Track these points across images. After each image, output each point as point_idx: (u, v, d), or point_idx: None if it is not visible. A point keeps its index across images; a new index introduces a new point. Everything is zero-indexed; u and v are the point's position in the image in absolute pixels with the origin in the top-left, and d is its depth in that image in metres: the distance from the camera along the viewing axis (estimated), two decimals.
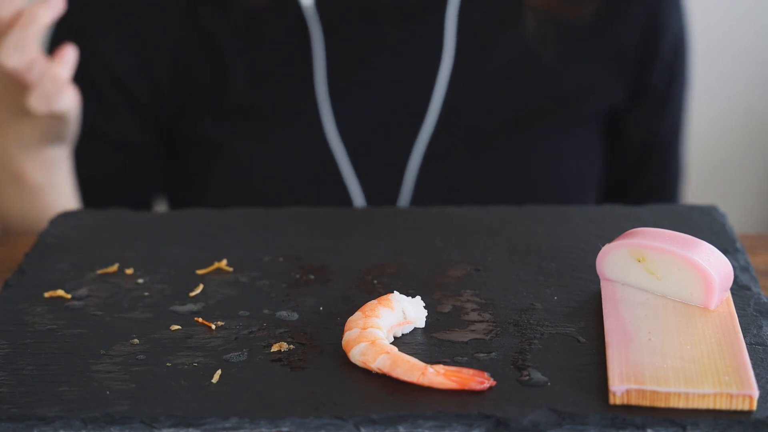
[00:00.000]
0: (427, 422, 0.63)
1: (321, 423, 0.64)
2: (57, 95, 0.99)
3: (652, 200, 1.20)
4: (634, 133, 1.26)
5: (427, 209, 0.93)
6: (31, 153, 1.06)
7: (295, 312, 0.76)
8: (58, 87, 0.99)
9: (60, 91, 1.00)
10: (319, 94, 1.18)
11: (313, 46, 1.17)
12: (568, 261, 0.82)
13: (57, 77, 0.99)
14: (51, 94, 0.99)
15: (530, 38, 1.19)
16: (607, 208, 0.91)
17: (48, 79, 0.98)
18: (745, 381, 0.64)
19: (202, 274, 0.81)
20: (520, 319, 0.74)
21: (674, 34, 1.24)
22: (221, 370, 0.69)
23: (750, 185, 2.03)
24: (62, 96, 1.00)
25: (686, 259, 0.72)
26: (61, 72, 0.99)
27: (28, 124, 1.03)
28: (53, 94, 0.99)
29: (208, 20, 1.18)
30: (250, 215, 0.92)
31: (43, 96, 0.99)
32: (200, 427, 0.64)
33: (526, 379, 0.67)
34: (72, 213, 0.94)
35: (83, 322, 0.75)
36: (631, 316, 0.71)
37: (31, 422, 0.64)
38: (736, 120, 1.99)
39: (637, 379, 0.64)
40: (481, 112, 1.20)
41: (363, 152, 1.19)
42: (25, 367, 0.69)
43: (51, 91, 0.99)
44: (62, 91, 1.00)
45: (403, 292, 0.74)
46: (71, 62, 1.00)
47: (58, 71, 0.99)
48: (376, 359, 0.67)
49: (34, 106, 0.99)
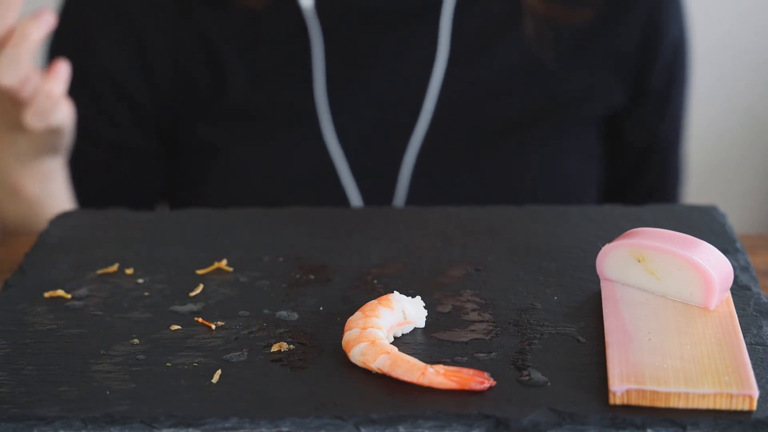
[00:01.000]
0: (427, 422, 0.63)
1: (321, 423, 0.64)
2: (52, 110, 1.00)
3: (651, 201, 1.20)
4: (634, 135, 1.26)
5: (427, 209, 0.93)
6: (27, 166, 1.07)
7: (295, 312, 0.76)
8: (53, 102, 0.99)
9: (55, 106, 1.00)
10: (318, 96, 1.18)
11: (312, 48, 1.17)
12: (568, 261, 0.82)
13: (51, 93, 0.99)
14: (46, 109, 0.99)
15: (529, 40, 1.19)
16: (607, 208, 0.91)
17: (43, 95, 0.98)
18: (745, 381, 0.64)
19: (202, 274, 0.81)
20: (520, 319, 0.74)
21: (674, 36, 1.24)
22: (221, 370, 0.69)
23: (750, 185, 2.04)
24: (57, 110, 1.00)
25: (686, 259, 0.72)
26: (56, 87, 0.99)
27: (23, 138, 1.04)
28: (48, 109, 0.99)
29: (208, 22, 1.18)
30: (250, 215, 0.92)
31: (38, 112, 0.99)
32: (200, 427, 0.64)
33: (526, 379, 0.67)
34: (72, 213, 0.94)
35: (83, 322, 0.75)
36: (631, 316, 0.71)
37: (31, 422, 0.64)
38: (736, 120, 1.99)
39: (637, 379, 0.64)
40: (479, 114, 1.20)
41: (361, 154, 1.19)
42: (25, 367, 0.69)
43: (46, 106, 0.99)
44: (57, 105, 1.00)
45: (403, 292, 0.74)
46: (65, 77, 1.00)
47: (52, 87, 0.99)
48: (376, 359, 0.67)
49: (29, 121, 0.99)
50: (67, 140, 1.06)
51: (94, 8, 1.20)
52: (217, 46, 1.18)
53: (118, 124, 1.21)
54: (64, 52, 1.18)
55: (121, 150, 1.22)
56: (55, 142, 1.05)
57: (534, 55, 1.19)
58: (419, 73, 1.19)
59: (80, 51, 1.18)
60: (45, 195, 1.09)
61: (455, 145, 1.19)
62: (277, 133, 1.19)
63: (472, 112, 1.20)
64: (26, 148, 1.05)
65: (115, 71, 1.19)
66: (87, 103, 1.16)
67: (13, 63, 0.95)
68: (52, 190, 1.09)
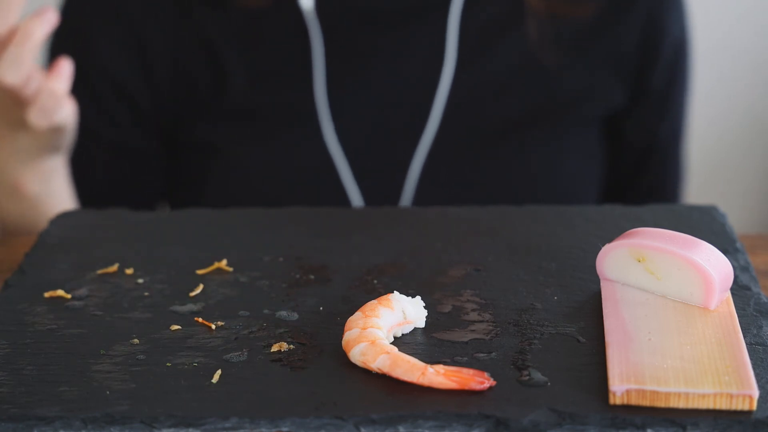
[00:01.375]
0: (427, 422, 0.63)
1: (321, 423, 0.64)
2: (55, 108, 1.00)
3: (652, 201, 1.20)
4: (634, 135, 1.26)
5: (427, 209, 0.93)
6: (28, 164, 1.07)
7: (295, 312, 0.75)
8: (56, 100, 0.99)
9: (58, 104, 1.00)
10: (318, 97, 1.18)
11: (312, 48, 1.17)
12: (568, 261, 0.82)
13: (55, 91, 0.99)
14: (49, 107, 0.99)
15: (531, 41, 1.19)
16: (607, 208, 0.91)
17: (46, 93, 0.98)
18: (745, 381, 0.64)
19: (202, 274, 0.81)
20: (520, 319, 0.74)
21: (675, 36, 1.24)
22: (221, 370, 0.69)
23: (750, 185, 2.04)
24: (60, 109, 1.00)
25: (686, 259, 0.72)
26: (59, 86, 0.99)
27: (25, 137, 1.04)
28: (52, 107, 0.99)
29: (208, 22, 1.18)
30: (250, 215, 0.92)
31: (41, 110, 0.99)
32: (200, 427, 0.64)
33: (526, 379, 0.67)
34: (72, 213, 0.94)
35: (83, 322, 0.75)
36: (631, 316, 0.71)
37: (31, 422, 0.64)
38: (736, 120, 2.00)
39: (637, 379, 0.64)
40: (482, 115, 1.20)
41: (362, 155, 1.19)
42: (25, 367, 0.69)
43: (49, 104, 0.99)
44: (60, 104, 1.00)
45: (403, 292, 0.74)
46: (68, 75, 1.00)
47: (55, 85, 0.99)
48: (376, 359, 0.67)
49: (33, 120, 0.99)
50: (68, 139, 1.06)
51: (94, 8, 1.20)
52: (217, 46, 1.18)
53: (118, 124, 1.21)
54: (64, 52, 1.18)
55: (121, 150, 1.22)
56: (57, 141, 1.05)
57: (534, 55, 1.19)
58: (423, 75, 1.19)
59: (80, 51, 1.18)
60: (46, 194, 1.09)
61: (461, 146, 1.19)
62: (277, 133, 1.19)
63: (475, 113, 1.20)
64: (28, 147, 1.05)
65: (115, 72, 1.19)
66: (87, 103, 1.16)
67: (16, 62, 0.95)
68: (53, 189, 1.09)
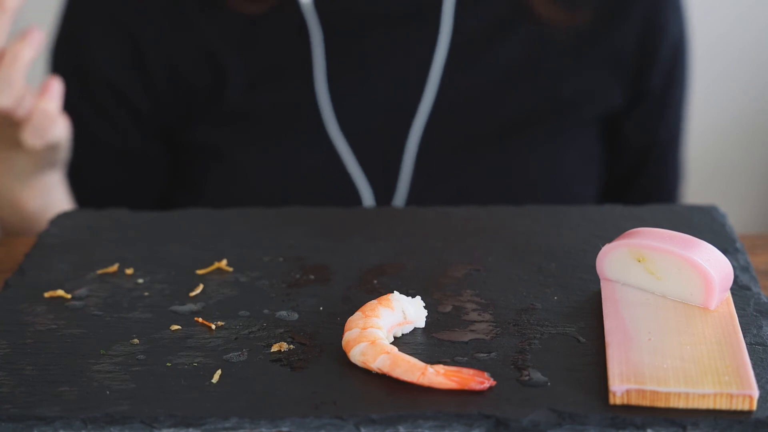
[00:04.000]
0: (427, 422, 0.63)
1: (321, 423, 0.64)
2: (49, 127, 1.00)
3: (651, 201, 1.20)
4: (633, 136, 1.26)
5: (427, 209, 0.93)
6: (26, 182, 1.07)
7: (295, 312, 0.76)
8: (50, 119, 1.00)
9: (52, 123, 1.00)
10: (319, 95, 1.18)
11: (312, 47, 1.17)
12: (568, 261, 0.82)
13: (47, 111, 0.99)
14: (43, 127, 1.00)
15: (528, 42, 1.19)
16: (607, 208, 0.91)
17: (39, 113, 0.99)
18: (745, 381, 0.64)
19: (202, 274, 0.81)
20: (520, 319, 0.74)
21: (674, 38, 1.24)
22: (221, 370, 0.69)
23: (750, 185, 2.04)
24: (54, 127, 1.01)
25: (686, 259, 0.72)
26: (51, 105, 0.99)
27: (22, 156, 1.04)
28: (45, 126, 1.00)
29: (206, 25, 1.18)
30: (250, 215, 0.92)
31: (35, 130, 0.99)
32: (200, 427, 0.64)
33: (526, 379, 0.67)
34: (72, 213, 0.94)
35: (83, 322, 0.75)
36: (631, 316, 0.71)
37: (31, 422, 0.64)
38: (736, 120, 2.00)
39: (637, 379, 0.64)
40: (478, 115, 1.20)
41: (366, 147, 1.19)
42: (25, 367, 0.69)
43: (43, 124, 0.99)
44: (54, 122, 1.00)
45: (403, 292, 0.74)
46: (59, 94, 1.00)
47: (47, 105, 0.99)
48: (376, 359, 0.67)
49: (27, 140, 1.00)
50: (64, 154, 1.07)
51: (91, 15, 1.20)
52: (216, 48, 1.18)
53: (118, 129, 1.21)
54: (63, 61, 1.19)
55: (121, 154, 1.22)
56: (52, 158, 1.05)
57: (533, 56, 1.19)
58: (421, 72, 1.19)
59: (79, 58, 1.18)
60: (46, 208, 1.10)
61: (456, 144, 1.19)
62: (281, 133, 1.19)
63: (474, 111, 1.20)
64: (25, 166, 1.06)
65: (114, 78, 1.19)
66: (87, 109, 1.16)
67: (7, 84, 0.96)
68: (52, 203, 1.10)
